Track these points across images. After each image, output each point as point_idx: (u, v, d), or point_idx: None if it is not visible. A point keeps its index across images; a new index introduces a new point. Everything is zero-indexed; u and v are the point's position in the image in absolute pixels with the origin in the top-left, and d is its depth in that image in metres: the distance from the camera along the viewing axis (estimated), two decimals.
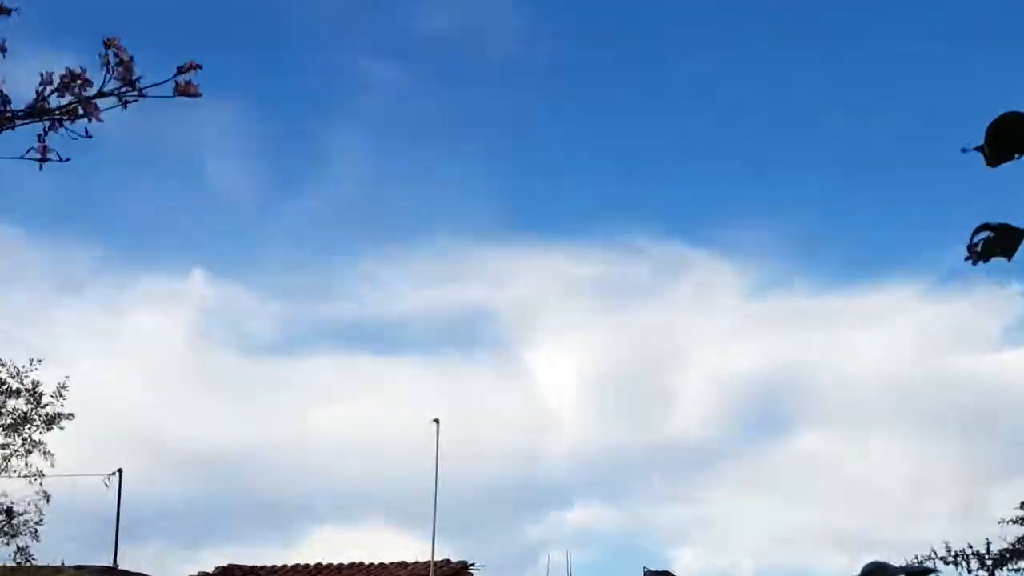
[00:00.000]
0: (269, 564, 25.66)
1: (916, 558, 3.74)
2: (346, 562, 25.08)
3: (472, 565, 23.98)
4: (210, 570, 24.88)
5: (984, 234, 1.85)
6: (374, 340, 48.20)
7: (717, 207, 45.37)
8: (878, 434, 41.64)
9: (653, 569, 19.08)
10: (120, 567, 22.35)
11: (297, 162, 43.44)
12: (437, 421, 21.37)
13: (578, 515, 45.61)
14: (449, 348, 47.07)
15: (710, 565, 42.06)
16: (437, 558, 21.80)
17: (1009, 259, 1.85)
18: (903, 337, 40.86)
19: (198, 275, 42.87)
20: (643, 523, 45.44)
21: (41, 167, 3.08)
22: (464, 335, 45.82)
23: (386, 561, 24.72)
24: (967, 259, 1.85)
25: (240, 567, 24.88)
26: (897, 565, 4.25)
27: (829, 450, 43.03)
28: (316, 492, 39.17)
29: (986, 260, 1.85)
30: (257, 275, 44.59)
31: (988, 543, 3.79)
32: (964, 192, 39.99)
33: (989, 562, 3.79)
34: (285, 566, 25.24)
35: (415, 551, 34.00)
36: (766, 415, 46.45)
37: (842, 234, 44.19)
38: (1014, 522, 4.41)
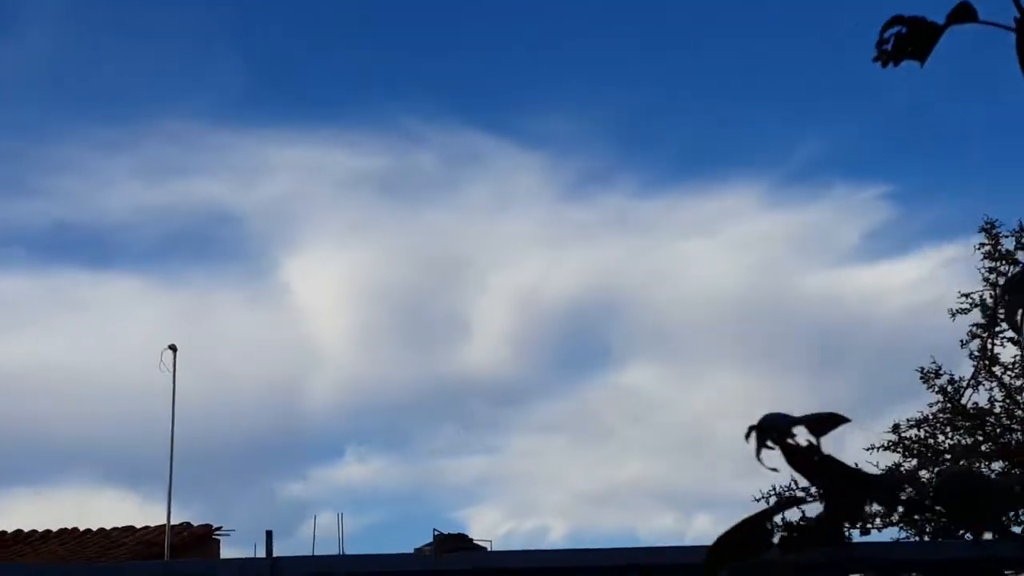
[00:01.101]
0: None
1: (765, 494, 3.83)
2: (54, 528, 24.49)
3: (218, 530, 23.86)
4: None
5: (896, 28, 1.87)
6: (81, 249, 46.38)
7: (521, 86, 45.44)
8: (713, 367, 43.17)
9: (445, 532, 19.20)
10: None
11: None
12: (173, 348, 20.96)
13: (351, 469, 45.70)
14: (181, 260, 45.77)
15: (513, 529, 43.07)
16: (174, 521, 21.55)
17: (922, 63, 1.89)
18: (742, 250, 42.31)
19: None
20: (431, 478, 45.93)
21: None
22: (201, 244, 44.59)
23: (107, 527, 24.29)
24: (876, 59, 1.87)
25: None
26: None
27: (655, 388, 44.41)
28: (6, 444, 37.74)
29: (896, 62, 1.88)
30: None
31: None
32: (823, 76, 41.51)
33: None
34: None
35: (142, 515, 33.37)
36: (579, 345, 47.37)
37: (674, 123, 44.93)
38: (885, 448, 4.62)
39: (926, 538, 12.67)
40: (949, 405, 14.40)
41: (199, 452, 26.23)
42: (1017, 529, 12.44)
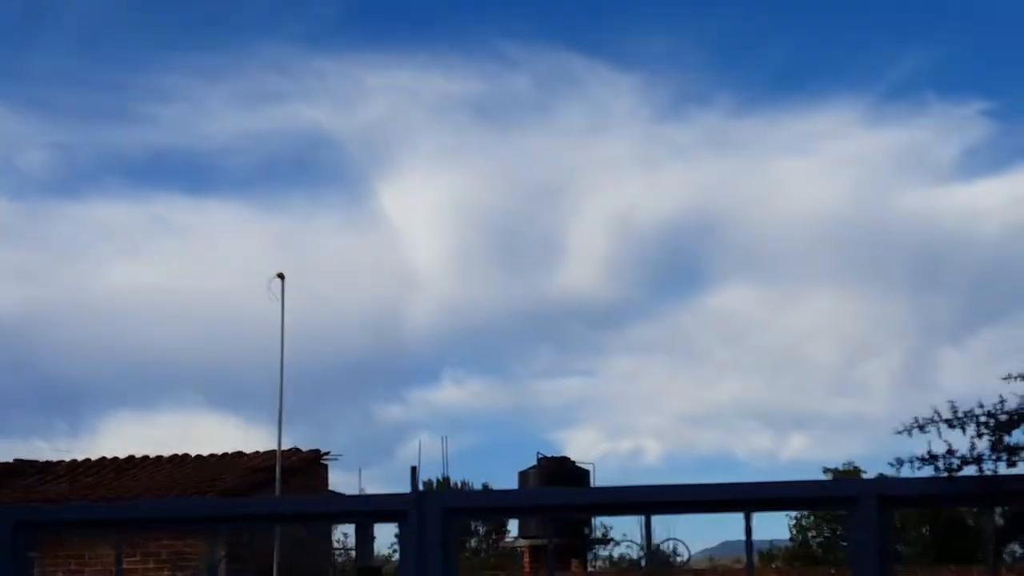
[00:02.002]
0: (66, 459, 25.75)
1: (916, 422, 4.03)
2: (166, 454, 25.33)
3: (326, 455, 24.52)
4: None
5: None
6: (181, 176, 47.20)
7: (615, 6, 45.04)
8: (809, 288, 42.86)
9: (548, 455, 19.70)
10: None
11: None
12: (281, 276, 21.47)
13: (448, 393, 46.43)
14: (280, 186, 46.43)
15: (610, 450, 43.48)
16: (283, 447, 22.20)
17: None
18: (841, 169, 41.59)
19: None
20: (529, 401, 46.47)
21: None
22: (300, 170, 45.38)
23: (217, 452, 25.06)
24: None
25: (31, 463, 24.90)
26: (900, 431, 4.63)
27: (750, 309, 44.29)
28: (110, 369, 38.69)
29: None
30: (25, 91, 42.82)
31: (1002, 400, 4.12)
32: None
33: (1003, 419, 4.13)
34: (88, 460, 25.36)
35: (247, 439, 34.23)
36: (674, 266, 47.48)
37: (771, 41, 44.30)
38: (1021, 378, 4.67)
39: None
40: None
41: (300, 376, 26.90)
42: None
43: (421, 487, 5.36)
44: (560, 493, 6.31)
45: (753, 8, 41.34)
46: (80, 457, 25.71)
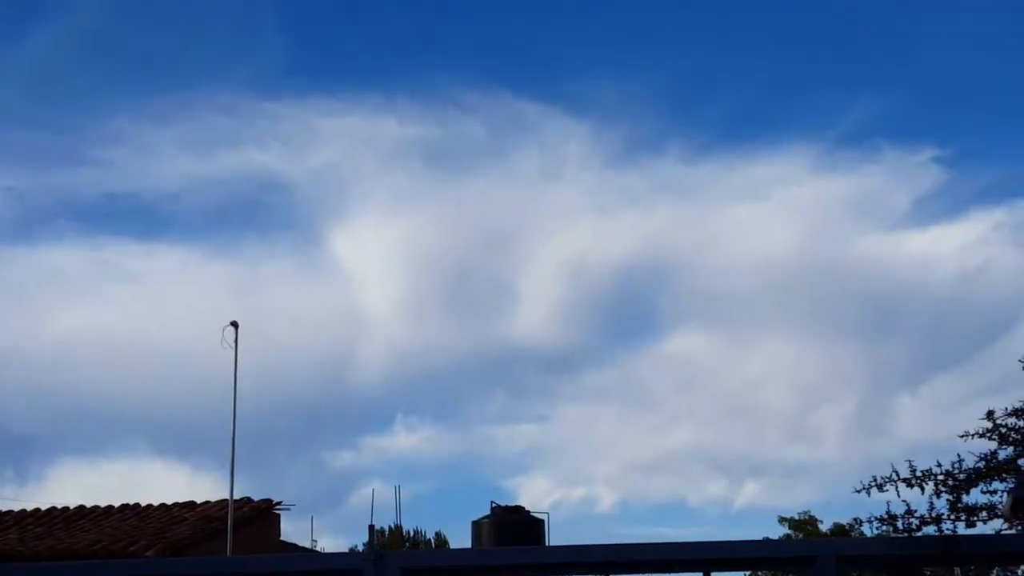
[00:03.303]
0: (15, 509, 25.38)
1: (874, 481, 4.04)
2: (116, 504, 25.01)
3: (279, 504, 24.27)
4: None
5: None
6: (132, 221, 46.88)
7: (568, 53, 45.33)
8: (762, 335, 43.07)
9: (502, 504, 19.25)
10: None
11: None
12: (235, 325, 21.31)
13: (401, 439, 46.07)
14: (231, 231, 46.14)
15: (564, 498, 43.35)
16: (235, 496, 21.93)
17: None
18: (794, 215, 42.05)
19: None
20: (482, 447, 46.23)
21: None
22: (251, 215, 45.04)
23: (168, 502, 24.77)
24: None
25: None
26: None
27: (703, 355, 44.39)
28: (58, 415, 38.22)
29: None
30: None
31: (959, 459, 4.14)
32: (871, 40, 41.15)
33: (962, 478, 4.13)
34: (37, 510, 24.99)
35: (197, 487, 33.76)
36: (628, 312, 47.40)
37: (723, 87, 44.67)
38: (981, 435, 4.70)
39: None
40: None
41: (251, 423, 26.63)
42: None
43: (375, 543, 5.30)
44: (519, 552, 6.28)
45: (705, 55, 41.70)
46: (29, 506, 25.36)
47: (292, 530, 28.22)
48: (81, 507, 24.93)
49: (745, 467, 44.56)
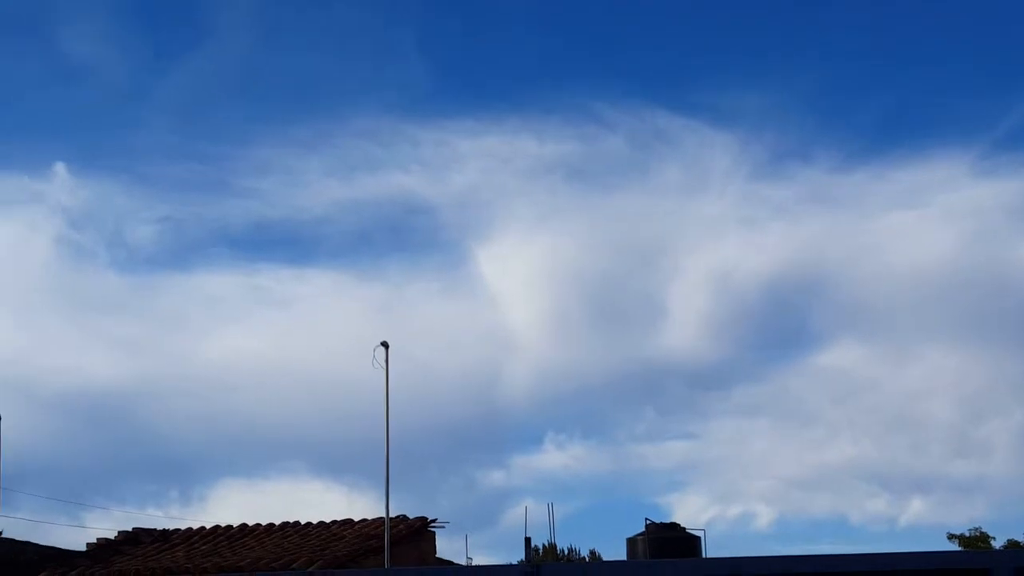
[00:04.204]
0: (182, 528, 26.14)
1: None
2: (276, 522, 25.59)
3: (433, 522, 24.55)
4: (107, 535, 25.32)
5: None
6: (282, 247, 47.92)
7: (710, 64, 44.90)
8: (921, 345, 41.82)
9: (656, 521, 19.33)
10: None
11: (175, 26, 42.58)
12: (386, 345, 21.67)
13: (551, 457, 46.02)
14: (377, 254, 46.79)
15: (719, 515, 42.73)
16: (390, 514, 22.26)
17: None
18: (951, 221, 40.69)
19: (61, 171, 42.22)
20: (633, 464, 45.91)
21: None
22: (396, 237, 45.74)
23: (327, 520, 25.25)
24: None
25: (149, 532, 25.34)
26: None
27: (860, 368, 43.36)
28: (218, 438, 39.17)
29: None
30: (131, 167, 43.92)
31: None
32: None
33: None
34: (202, 528, 25.71)
35: (352, 507, 34.24)
36: (779, 326, 46.62)
37: (873, 92, 43.68)
38: None
39: None
40: None
41: (402, 443, 27.04)
42: None
43: (531, 557, 5.40)
44: (674, 565, 6.30)
45: (852, 60, 41.03)
46: (193, 525, 26.11)
47: (447, 548, 28.52)
48: (244, 525, 25.56)
49: (909, 483, 43.50)
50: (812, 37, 40.78)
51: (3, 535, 22.51)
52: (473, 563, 28.52)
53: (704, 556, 18.26)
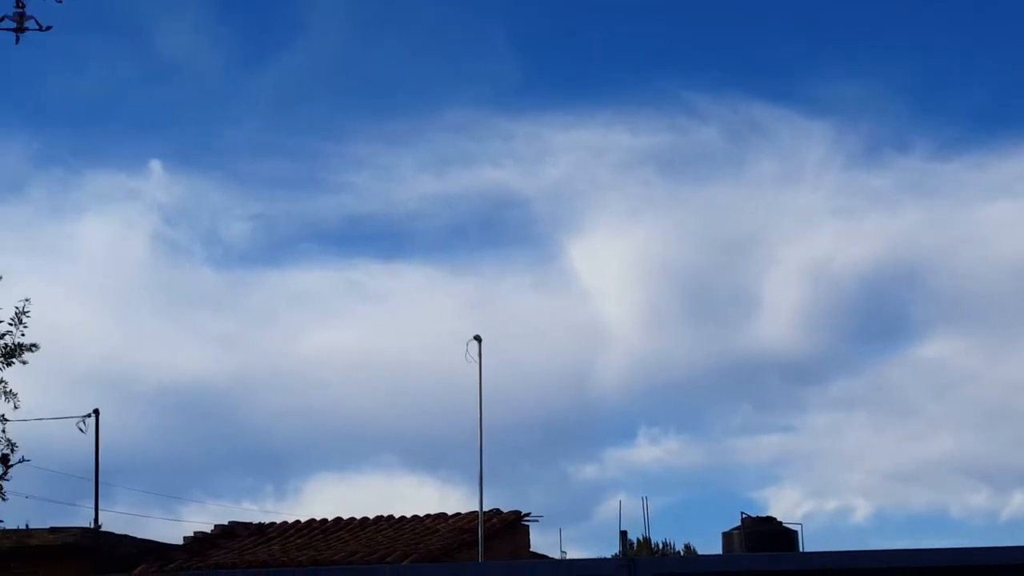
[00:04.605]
0: (276, 522, 26.36)
1: None
2: (370, 516, 25.69)
3: (527, 516, 24.50)
4: (204, 529, 25.59)
5: None
6: (375, 242, 48.20)
7: (803, 53, 44.29)
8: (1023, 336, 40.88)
9: (752, 515, 19.14)
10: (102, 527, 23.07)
11: (266, 21, 42.93)
12: (479, 339, 21.64)
13: (644, 451, 45.81)
14: (470, 248, 46.91)
15: (816, 509, 42.20)
16: (483, 508, 22.23)
17: None
18: None
19: (157, 168, 42.81)
20: (728, 458, 45.52)
21: (18, 40, 3.09)
22: (488, 231, 45.80)
23: (420, 514, 25.30)
24: None
25: (245, 525, 25.57)
26: None
27: (960, 360, 42.61)
28: (311, 432, 39.48)
29: None
30: (223, 164, 44.47)
31: None
32: None
33: None
34: (297, 522, 25.90)
35: (445, 501, 34.35)
36: (876, 317, 45.94)
37: (971, 78, 42.77)
38: None
39: None
40: None
41: (495, 436, 27.02)
42: None
43: (627, 550, 5.24)
44: (773, 559, 6.14)
45: (951, 47, 40.20)
46: (288, 518, 26.31)
47: (540, 542, 28.46)
48: (338, 519, 25.70)
49: (1012, 476, 42.61)
50: (909, 23, 40.11)
51: (102, 528, 22.86)
52: (567, 557, 28.43)
53: (802, 551, 17.99)
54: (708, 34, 42.23)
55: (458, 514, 24.79)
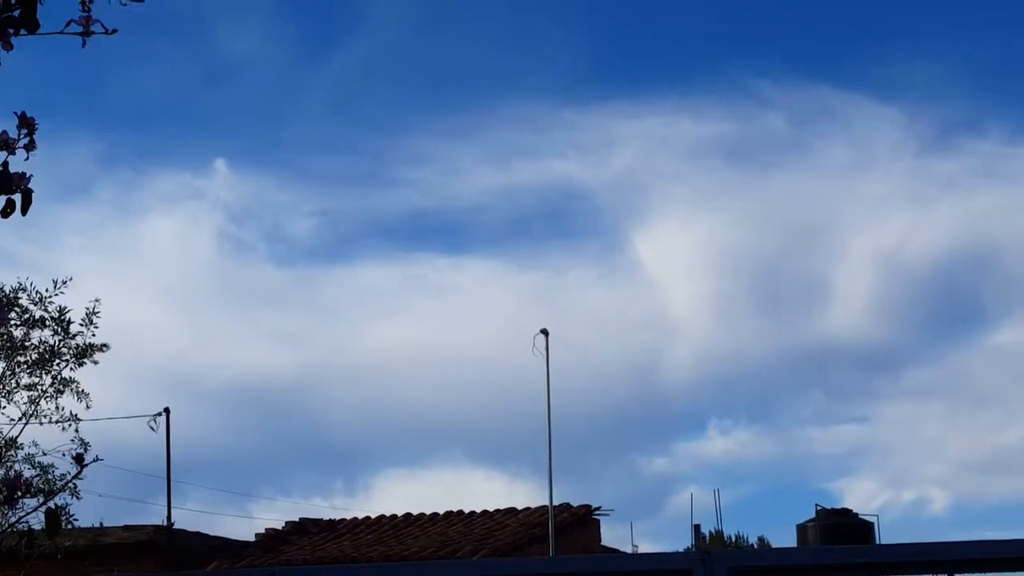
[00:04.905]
0: (347, 518, 26.46)
1: None
2: (440, 511, 25.72)
3: (597, 510, 24.40)
4: (275, 526, 25.77)
5: None
6: (438, 236, 48.26)
7: (872, 36, 43.59)
8: None
9: (827, 507, 18.88)
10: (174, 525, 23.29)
11: (326, 17, 43.00)
12: (545, 332, 21.60)
13: (715, 443, 45.43)
14: (534, 241, 46.76)
15: (891, 500, 41.69)
16: (553, 502, 22.20)
17: None
18: None
19: (221, 167, 43.19)
20: (800, 450, 45.06)
21: (84, 43, 3.02)
22: (553, 223, 45.61)
23: (490, 508, 25.28)
24: None
25: (315, 522, 25.70)
26: None
27: None
28: (379, 428, 39.64)
29: None
30: (286, 161, 44.70)
31: None
32: None
33: None
34: (368, 518, 25.99)
35: (514, 495, 34.28)
36: (950, 305, 45.23)
37: None
38: None
39: None
40: None
41: (563, 430, 26.91)
42: None
43: (700, 543, 5.13)
44: (851, 552, 6.02)
45: (1019, 28, 39.35)
46: (357, 514, 26.40)
47: (611, 535, 28.36)
48: (408, 515, 25.75)
49: None
50: (982, 3, 39.34)
51: (175, 526, 23.07)
52: (639, 550, 28.28)
53: (879, 543, 17.72)
54: (772, 20, 41.74)
55: (528, 509, 24.73)
